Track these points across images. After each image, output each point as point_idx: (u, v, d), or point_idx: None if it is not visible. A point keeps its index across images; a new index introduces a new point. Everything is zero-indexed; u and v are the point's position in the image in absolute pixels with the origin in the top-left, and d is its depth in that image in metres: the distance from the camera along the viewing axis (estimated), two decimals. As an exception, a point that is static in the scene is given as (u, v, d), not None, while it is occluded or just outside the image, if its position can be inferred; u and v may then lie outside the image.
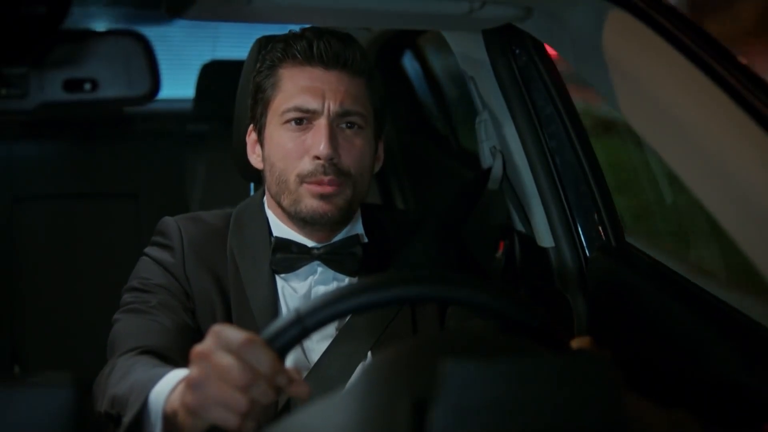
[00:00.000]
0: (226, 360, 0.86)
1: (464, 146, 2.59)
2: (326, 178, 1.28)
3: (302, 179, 1.30)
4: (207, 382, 0.87)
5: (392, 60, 2.78)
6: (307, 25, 1.40)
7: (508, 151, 1.67)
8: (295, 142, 1.30)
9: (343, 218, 1.35)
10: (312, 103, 1.29)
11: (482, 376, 0.64)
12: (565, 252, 1.63)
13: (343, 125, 1.31)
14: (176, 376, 1.03)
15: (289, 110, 1.30)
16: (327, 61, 1.30)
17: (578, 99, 1.72)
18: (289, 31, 1.38)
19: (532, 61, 1.64)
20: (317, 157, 1.28)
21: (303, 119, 1.30)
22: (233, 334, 0.88)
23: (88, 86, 2.42)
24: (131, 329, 1.26)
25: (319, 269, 1.35)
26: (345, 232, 1.37)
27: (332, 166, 1.28)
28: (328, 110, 1.29)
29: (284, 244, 1.34)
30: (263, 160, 1.37)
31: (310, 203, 1.30)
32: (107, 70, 2.43)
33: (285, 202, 1.33)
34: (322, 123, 1.29)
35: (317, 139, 1.28)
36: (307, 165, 1.29)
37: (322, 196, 1.30)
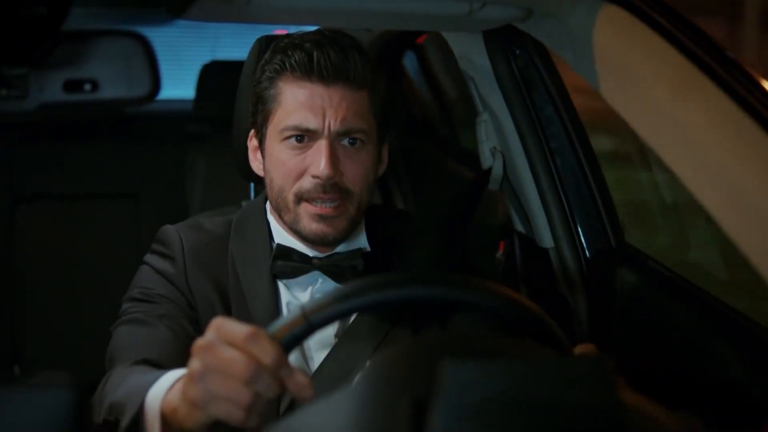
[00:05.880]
0: (229, 353, 0.84)
1: (464, 146, 2.59)
2: (326, 196, 1.26)
3: (300, 197, 1.28)
4: (209, 376, 0.85)
5: (393, 61, 2.78)
6: (307, 27, 1.39)
7: (509, 151, 1.67)
8: (295, 160, 1.28)
9: (346, 237, 1.34)
10: (312, 122, 1.26)
11: (482, 376, 0.64)
12: (565, 253, 1.63)
13: (345, 142, 1.28)
14: (173, 375, 1.02)
15: (288, 128, 1.27)
16: (327, 76, 1.26)
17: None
18: (285, 40, 1.33)
19: (533, 62, 1.64)
20: (317, 177, 1.26)
21: (303, 137, 1.27)
22: (236, 326, 0.86)
23: (88, 87, 2.42)
24: (131, 340, 1.25)
25: (320, 279, 1.34)
26: (348, 244, 1.35)
27: (333, 185, 1.26)
28: (329, 129, 1.26)
29: (285, 252, 1.33)
30: (264, 170, 1.35)
31: (309, 225, 1.29)
32: (107, 71, 2.43)
33: (285, 218, 1.32)
34: (322, 143, 1.26)
35: (317, 159, 1.25)
36: (306, 183, 1.27)
37: (322, 218, 1.28)
